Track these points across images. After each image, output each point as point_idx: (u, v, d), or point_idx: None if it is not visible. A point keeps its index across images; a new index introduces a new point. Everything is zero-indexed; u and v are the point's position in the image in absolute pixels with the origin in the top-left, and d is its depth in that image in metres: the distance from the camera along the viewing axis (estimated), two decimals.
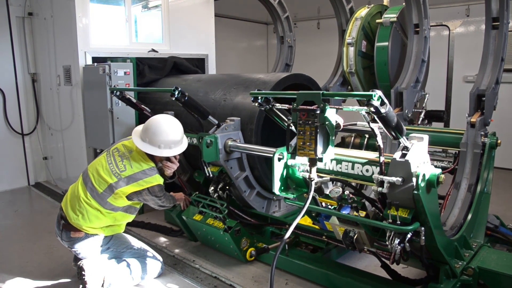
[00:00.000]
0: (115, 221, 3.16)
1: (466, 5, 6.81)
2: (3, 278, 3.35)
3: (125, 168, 3.03)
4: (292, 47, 5.93)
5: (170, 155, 3.13)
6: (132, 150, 3.12)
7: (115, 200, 3.05)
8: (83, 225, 3.04)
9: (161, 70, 5.23)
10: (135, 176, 3.01)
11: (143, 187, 3.03)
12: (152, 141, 3.04)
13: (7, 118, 5.78)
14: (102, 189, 3.02)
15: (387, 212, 2.34)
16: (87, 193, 3.06)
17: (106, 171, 3.04)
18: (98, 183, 3.04)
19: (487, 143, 3.28)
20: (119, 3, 5.32)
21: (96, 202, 3.04)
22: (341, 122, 2.40)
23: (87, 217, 3.04)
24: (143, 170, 3.04)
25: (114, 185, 3.00)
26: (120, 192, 3.01)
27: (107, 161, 3.09)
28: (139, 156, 3.08)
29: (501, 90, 3.74)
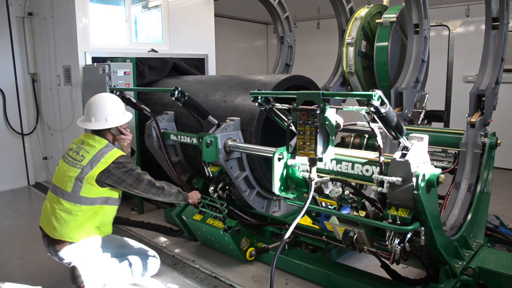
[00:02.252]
0: (97, 217, 3.03)
1: (466, 5, 6.81)
2: (3, 278, 3.35)
3: (84, 157, 2.97)
4: (292, 47, 5.94)
5: (118, 124, 3.14)
6: (83, 141, 3.09)
7: (89, 191, 2.95)
8: (64, 234, 2.95)
9: (161, 71, 5.23)
10: (95, 158, 2.96)
11: (107, 164, 2.94)
12: (97, 117, 3.06)
13: (7, 118, 5.78)
14: (71, 187, 2.94)
15: (387, 212, 2.34)
16: (58, 199, 2.98)
17: (68, 170, 2.99)
18: (65, 185, 2.97)
19: (487, 143, 3.28)
20: (119, 3, 5.32)
21: (69, 202, 2.95)
22: (341, 122, 2.40)
23: (64, 224, 2.95)
24: (101, 149, 3.00)
25: (80, 176, 2.92)
26: (89, 178, 2.92)
27: (65, 163, 3.04)
28: (91, 141, 3.05)
29: (501, 90, 3.74)
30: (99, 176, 2.94)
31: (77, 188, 2.93)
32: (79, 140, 3.13)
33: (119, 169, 2.96)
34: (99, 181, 2.95)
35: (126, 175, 2.98)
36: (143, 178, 3.05)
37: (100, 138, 3.08)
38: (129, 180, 3.00)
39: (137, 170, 3.04)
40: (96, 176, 2.93)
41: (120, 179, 2.98)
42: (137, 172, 3.03)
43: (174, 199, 3.24)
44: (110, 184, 2.97)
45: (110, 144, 3.09)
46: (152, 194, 3.11)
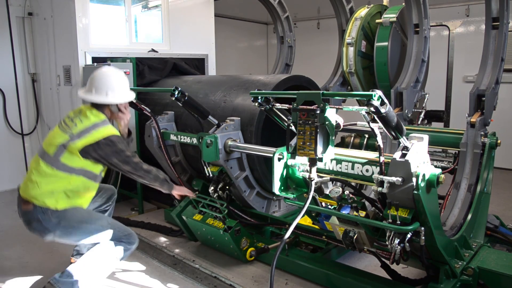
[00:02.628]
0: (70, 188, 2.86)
1: (466, 5, 6.81)
2: (3, 278, 3.35)
3: (76, 125, 2.87)
4: (292, 47, 5.94)
5: (118, 101, 3.03)
6: (81, 110, 3.00)
7: (70, 158, 2.82)
8: (33, 196, 2.80)
9: (161, 71, 5.23)
10: (86, 129, 2.85)
11: (97, 138, 2.82)
12: (98, 89, 2.97)
13: (7, 118, 5.78)
14: (53, 151, 2.83)
15: (387, 212, 2.34)
16: (38, 161, 2.87)
17: (57, 135, 2.89)
18: (49, 148, 2.86)
19: (487, 143, 3.28)
20: (119, 3, 5.32)
21: (47, 165, 2.82)
22: (341, 122, 2.40)
23: (36, 186, 2.80)
24: (95, 123, 2.89)
25: (66, 143, 2.82)
26: (73, 147, 2.80)
27: (59, 129, 2.94)
28: (88, 112, 2.95)
29: (501, 90, 3.74)
30: (85, 148, 2.81)
31: (59, 153, 2.82)
32: (78, 109, 3.04)
33: (108, 146, 2.84)
34: (84, 152, 2.82)
35: (114, 154, 2.86)
36: (130, 160, 2.93)
37: (98, 112, 2.97)
38: (115, 160, 2.88)
39: (126, 152, 2.92)
40: (81, 147, 2.81)
41: (106, 156, 2.85)
42: (126, 154, 2.91)
43: (158, 185, 3.12)
44: (95, 158, 2.85)
45: (107, 121, 2.96)
46: (137, 176, 3.00)
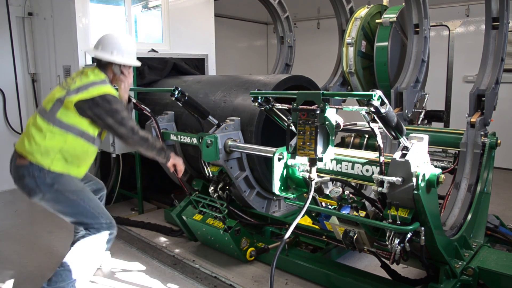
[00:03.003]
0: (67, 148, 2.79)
1: (466, 5, 6.81)
2: (3, 278, 3.35)
3: (75, 82, 2.85)
4: (292, 47, 5.94)
5: (123, 61, 2.98)
6: (83, 71, 2.96)
7: (65, 114, 2.77)
8: (28, 152, 2.76)
9: (161, 71, 5.23)
10: (84, 85, 2.81)
11: (93, 95, 2.76)
12: (104, 47, 2.95)
13: (7, 118, 5.78)
14: (50, 106, 2.80)
15: (387, 212, 2.34)
16: (36, 116, 2.84)
17: (56, 92, 2.88)
18: (47, 104, 2.84)
19: (487, 143, 3.28)
20: (119, 3, 5.32)
21: (43, 120, 2.79)
22: (341, 122, 2.40)
23: (33, 142, 2.75)
24: (94, 81, 2.84)
25: (62, 98, 2.78)
26: (69, 101, 2.75)
27: (59, 86, 2.93)
28: (90, 72, 2.92)
29: (501, 90, 3.74)
30: (80, 103, 2.76)
31: (56, 108, 2.78)
32: (80, 70, 3.02)
33: (103, 104, 2.77)
34: (79, 108, 2.77)
35: (109, 113, 2.79)
36: (126, 122, 2.84)
37: (100, 72, 2.94)
38: (110, 121, 2.80)
39: (122, 113, 2.84)
40: (76, 101, 2.76)
41: (101, 115, 2.78)
42: (121, 116, 2.82)
43: (155, 154, 3.03)
44: (90, 116, 2.79)
45: (106, 81, 2.91)
46: (132, 141, 2.90)
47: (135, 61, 3.11)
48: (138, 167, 4.73)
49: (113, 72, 3.01)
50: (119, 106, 2.84)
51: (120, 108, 2.85)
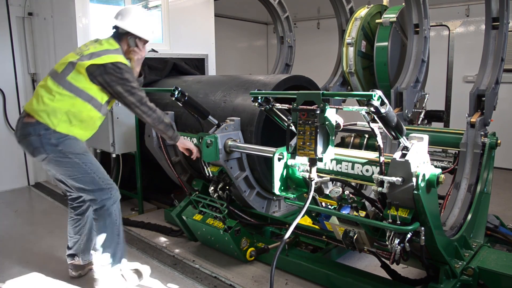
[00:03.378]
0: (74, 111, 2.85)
1: (466, 5, 6.81)
2: (3, 278, 3.35)
3: (89, 49, 2.91)
4: (292, 47, 5.94)
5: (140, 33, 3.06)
6: (98, 39, 3.04)
7: (76, 78, 2.83)
8: (36, 108, 2.81)
9: (161, 71, 5.23)
10: (98, 52, 2.87)
11: (105, 61, 2.83)
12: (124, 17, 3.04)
13: (7, 118, 5.78)
14: (62, 68, 2.87)
15: (387, 212, 2.34)
16: (46, 78, 2.91)
17: (69, 56, 2.94)
18: (59, 67, 2.90)
19: (487, 143, 3.28)
20: (119, 3, 5.32)
21: (54, 81, 2.85)
22: (341, 122, 2.40)
23: (41, 101, 2.82)
24: (107, 49, 2.91)
25: (75, 61, 2.85)
26: (81, 65, 2.82)
27: (72, 52, 2.98)
28: (104, 41, 3.00)
29: (501, 90, 3.74)
30: (92, 68, 2.82)
31: (67, 71, 2.84)
32: (95, 39, 3.08)
33: (114, 72, 2.83)
34: (90, 74, 2.83)
35: (119, 81, 2.84)
36: (135, 92, 2.91)
37: (114, 41, 3.00)
38: (120, 89, 2.85)
39: (132, 83, 2.89)
40: (87, 66, 2.82)
41: (111, 82, 2.83)
42: (132, 85, 2.88)
43: (163, 128, 3.08)
44: (100, 82, 2.85)
45: (120, 50, 2.98)
46: (141, 111, 2.96)
47: (151, 36, 3.16)
48: (138, 167, 4.73)
49: (127, 44, 3.08)
50: (129, 75, 2.89)
51: (131, 78, 2.90)
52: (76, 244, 3.29)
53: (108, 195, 2.99)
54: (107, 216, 2.99)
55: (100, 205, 2.98)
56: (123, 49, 3.05)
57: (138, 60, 3.17)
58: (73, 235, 3.28)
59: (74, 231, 3.27)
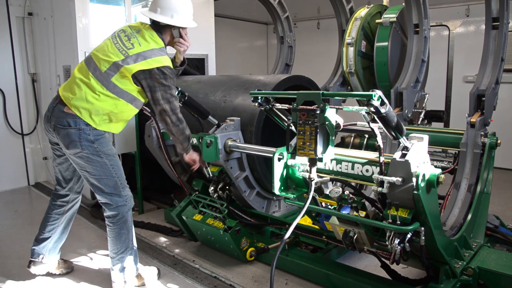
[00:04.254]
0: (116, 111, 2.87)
1: (466, 5, 6.81)
2: (3, 278, 3.35)
3: (133, 46, 2.82)
4: (292, 47, 5.93)
5: (183, 24, 2.98)
6: (139, 30, 2.92)
7: (121, 81, 2.80)
8: (78, 104, 2.78)
9: None
10: (144, 53, 2.80)
11: (152, 66, 2.78)
12: (164, 9, 2.92)
13: (7, 118, 5.78)
14: (106, 67, 2.79)
15: (387, 212, 2.34)
16: (88, 73, 2.82)
17: (112, 50, 2.83)
18: (101, 62, 2.82)
19: (487, 143, 3.28)
20: (119, 3, 5.31)
21: (97, 81, 2.80)
22: (341, 122, 2.40)
23: (84, 98, 2.78)
24: (153, 49, 2.84)
25: (120, 63, 2.78)
26: (126, 71, 2.78)
27: (112, 42, 2.88)
28: (148, 36, 2.89)
29: (501, 90, 3.74)
30: (137, 73, 2.78)
31: (111, 72, 2.79)
32: (136, 27, 2.95)
33: (158, 77, 2.80)
34: (135, 78, 2.80)
35: (160, 88, 2.81)
36: (172, 100, 2.89)
37: (158, 37, 2.91)
38: (159, 95, 2.83)
39: (172, 91, 2.87)
40: (134, 71, 2.78)
41: (153, 87, 2.81)
42: (171, 93, 2.86)
43: (182, 139, 3.05)
44: (142, 85, 2.83)
45: (165, 50, 2.91)
46: (170, 120, 2.92)
47: (194, 23, 3.11)
48: (138, 167, 4.73)
49: (171, 36, 3.02)
50: (172, 81, 2.87)
51: (172, 85, 2.88)
52: (46, 241, 3.25)
53: (124, 203, 3.01)
54: (122, 223, 3.02)
55: (115, 211, 2.98)
56: (166, 42, 2.97)
57: (184, 51, 3.12)
58: (45, 232, 3.24)
59: (48, 228, 3.23)
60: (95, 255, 3.76)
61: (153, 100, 2.87)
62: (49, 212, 3.25)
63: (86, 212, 4.75)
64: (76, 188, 3.24)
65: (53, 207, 3.23)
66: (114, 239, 3.04)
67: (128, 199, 3.06)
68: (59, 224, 3.26)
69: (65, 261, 3.46)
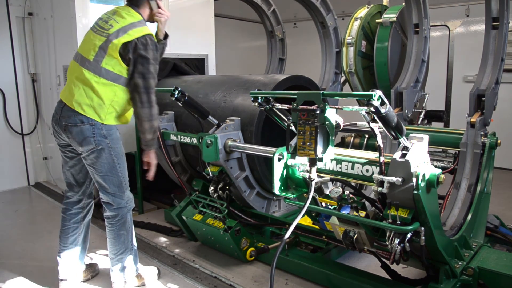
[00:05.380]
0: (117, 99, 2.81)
1: (466, 5, 6.81)
2: (3, 278, 3.35)
3: (112, 26, 2.76)
4: (283, 40, 5.85)
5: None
6: (115, 11, 2.88)
7: (111, 64, 2.74)
8: (81, 101, 2.76)
9: (161, 71, 5.22)
10: (123, 28, 2.74)
11: (135, 36, 2.71)
12: None
13: (7, 118, 5.78)
14: (93, 55, 2.74)
15: (387, 212, 2.34)
16: (79, 68, 2.79)
17: (94, 38, 2.80)
18: (88, 53, 2.78)
19: (487, 143, 3.28)
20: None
21: (89, 72, 2.75)
22: (341, 122, 2.40)
23: (83, 93, 2.75)
24: (131, 22, 2.78)
25: (104, 44, 2.73)
26: (112, 50, 2.71)
27: (93, 31, 2.84)
28: (124, 13, 2.84)
29: (501, 90, 3.74)
30: (122, 48, 2.72)
31: (99, 58, 2.74)
32: (112, 11, 2.91)
33: (139, 49, 2.72)
34: (122, 57, 2.74)
35: (139, 61, 2.73)
36: (148, 77, 2.77)
37: (135, 12, 2.86)
38: (135, 69, 2.74)
39: (150, 67, 2.75)
40: (120, 46, 2.71)
41: (134, 61, 2.74)
42: (148, 68, 2.75)
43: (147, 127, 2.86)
44: (127, 61, 2.75)
45: (144, 21, 2.86)
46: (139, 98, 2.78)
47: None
48: (138, 167, 4.73)
49: (150, 8, 2.96)
50: (152, 54, 2.77)
51: (153, 59, 2.77)
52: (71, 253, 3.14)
53: (125, 204, 3.01)
54: (121, 224, 3.01)
55: (115, 212, 2.98)
56: (145, 17, 2.93)
57: (165, 22, 3.04)
58: (68, 244, 3.11)
59: (70, 240, 3.12)
60: (95, 255, 3.76)
61: (130, 74, 2.78)
62: (65, 223, 3.13)
63: None
64: (89, 191, 3.21)
65: (69, 217, 3.13)
66: (113, 240, 3.03)
67: (129, 201, 3.06)
68: (79, 233, 3.17)
69: (91, 265, 3.42)
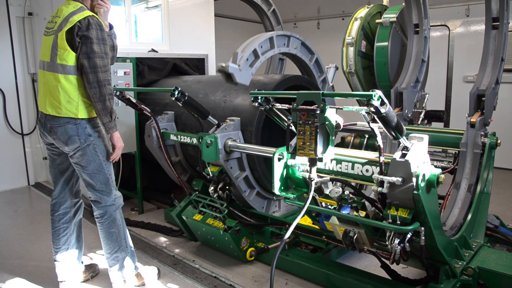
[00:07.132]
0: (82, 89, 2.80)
1: (466, 5, 6.82)
2: (3, 278, 3.35)
3: (56, 22, 2.81)
4: None
5: None
6: (58, 9, 2.91)
7: (64, 58, 2.74)
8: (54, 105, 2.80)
9: (161, 71, 5.23)
10: (65, 18, 2.75)
11: (75, 21, 2.70)
12: None
13: (7, 118, 5.78)
14: (49, 55, 2.79)
15: (387, 212, 2.34)
16: (43, 73, 2.87)
17: (45, 40, 2.87)
18: (44, 55, 2.85)
19: (487, 143, 3.28)
20: (119, 3, 5.32)
21: (51, 72, 2.80)
22: (341, 122, 2.40)
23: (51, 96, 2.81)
24: (71, 11, 2.78)
25: (54, 41, 2.76)
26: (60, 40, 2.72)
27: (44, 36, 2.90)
28: (64, 7, 2.86)
29: (501, 90, 3.75)
30: (68, 36, 2.72)
31: (54, 56, 2.77)
32: (55, 11, 2.94)
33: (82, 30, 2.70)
34: (70, 43, 2.73)
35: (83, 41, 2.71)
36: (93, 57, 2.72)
37: (74, 2, 2.87)
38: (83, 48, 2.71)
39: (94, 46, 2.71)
40: (64, 35, 2.71)
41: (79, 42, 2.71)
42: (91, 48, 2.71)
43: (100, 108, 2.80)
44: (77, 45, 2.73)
45: (84, 8, 2.84)
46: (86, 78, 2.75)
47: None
48: (138, 167, 4.73)
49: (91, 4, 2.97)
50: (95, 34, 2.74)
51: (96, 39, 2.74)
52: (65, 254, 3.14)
53: (112, 202, 3.01)
54: (111, 222, 3.01)
55: (103, 210, 2.98)
56: (87, 6, 2.93)
57: (105, 13, 3.04)
58: (60, 246, 3.12)
59: (61, 241, 3.12)
60: (95, 255, 3.76)
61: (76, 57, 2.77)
62: (55, 224, 3.13)
63: (86, 212, 4.74)
64: (75, 190, 3.20)
65: (57, 218, 3.13)
66: (105, 239, 3.03)
67: (117, 199, 3.06)
68: (71, 232, 3.16)
69: (90, 265, 3.43)
